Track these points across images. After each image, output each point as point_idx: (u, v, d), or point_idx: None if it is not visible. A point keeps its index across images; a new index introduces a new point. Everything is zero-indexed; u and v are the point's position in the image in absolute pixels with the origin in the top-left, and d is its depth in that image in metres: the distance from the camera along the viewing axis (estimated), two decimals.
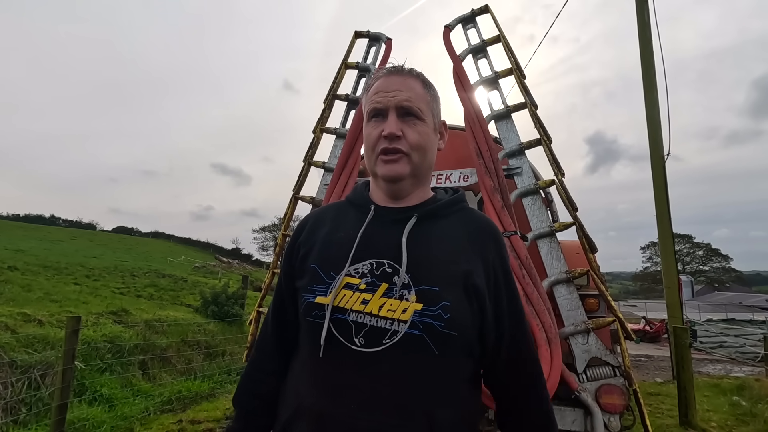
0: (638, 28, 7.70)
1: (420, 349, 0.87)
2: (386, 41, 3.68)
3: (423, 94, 1.03)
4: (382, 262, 0.95)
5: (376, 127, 1.00)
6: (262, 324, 1.15)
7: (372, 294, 0.91)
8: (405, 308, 0.89)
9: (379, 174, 1.01)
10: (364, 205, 1.06)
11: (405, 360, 0.87)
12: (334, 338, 0.90)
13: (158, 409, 5.40)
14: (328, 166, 3.46)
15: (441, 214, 1.03)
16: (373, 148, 1.01)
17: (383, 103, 1.00)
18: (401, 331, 0.87)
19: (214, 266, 31.58)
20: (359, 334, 0.89)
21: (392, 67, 1.06)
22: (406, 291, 0.90)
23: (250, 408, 1.07)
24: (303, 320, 0.97)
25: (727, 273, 60.17)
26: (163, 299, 12.37)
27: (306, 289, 0.97)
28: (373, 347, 0.87)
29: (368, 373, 0.87)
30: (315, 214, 1.15)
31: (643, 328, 15.78)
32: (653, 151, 7.38)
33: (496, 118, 3.13)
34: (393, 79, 1.02)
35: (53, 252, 22.30)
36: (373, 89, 1.03)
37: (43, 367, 5.04)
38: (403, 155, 0.98)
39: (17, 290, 9.29)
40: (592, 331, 2.51)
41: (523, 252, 2.56)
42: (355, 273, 0.95)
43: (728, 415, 5.86)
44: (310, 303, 0.95)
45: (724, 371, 9.88)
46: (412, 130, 0.99)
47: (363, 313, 0.90)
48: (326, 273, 0.96)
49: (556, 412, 2.40)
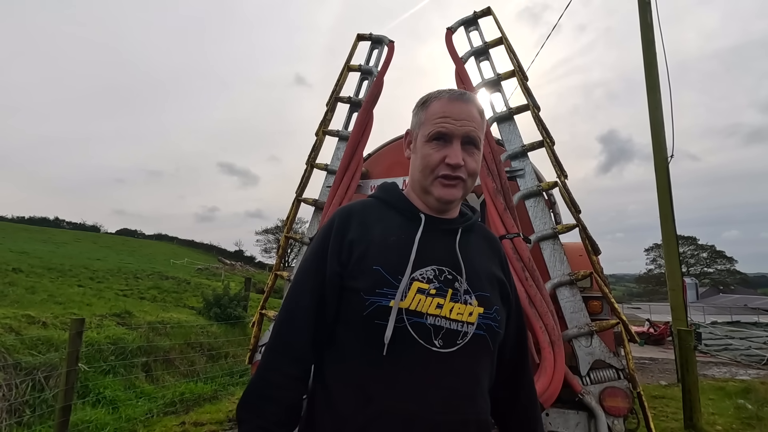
0: (641, 29, 7.69)
1: (483, 347, 1.02)
2: (388, 44, 3.69)
3: (480, 123, 1.10)
4: (443, 269, 1.03)
5: (439, 150, 1.06)
6: (281, 325, 1.05)
7: (443, 298, 0.99)
8: (471, 312, 1.00)
9: (436, 195, 1.07)
10: (410, 210, 1.11)
11: (473, 357, 1.00)
12: (412, 340, 0.95)
13: (161, 411, 5.41)
14: (330, 168, 3.46)
15: (472, 228, 1.16)
16: (433, 170, 1.06)
17: (450, 130, 1.05)
18: (470, 332, 0.99)
19: (217, 268, 31.61)
20: (438, 336, 0.96)
21: (458, 92, 1.11)
22: (468, 296, 1.02)
23: (272, 418, 0.98)
24: (367, 323, 0.95)
25: (732, 275, 59.78)
26: (166, 301, 12.40)
27: (372, 291, 0.96)
28: (450, 348, 0.96)
29: (448, 372, 0.96)
30: (356, 210, 1.12)
31: (647, 331, 15.70)
32: (656, 153, 7.35)
33: (499, 120, 3.13)
34: (459, 106, 1.07)
35: (57, 254, 22.41)
36: (436, 111, 1.08)
37: (47, 369, 5.05)
38: (461, 181, 1.07)
39: (21, 292, 9.34)
40: (595, 334, 2.50)
41: (525, 254, 2.56)
42: (422, 278, 1.00)
43: (733, 419, 5.82)
44: (381, 306, 0.95)
45: (729, 374, 9.81)
46: (472, 159, 1.07)
47: (439, 316, 0.97)
48: (393, 276, 0.98)
49: (559, 414, 2.41)
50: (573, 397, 2.36)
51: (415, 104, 1.18)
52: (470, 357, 0.99)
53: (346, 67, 3.68)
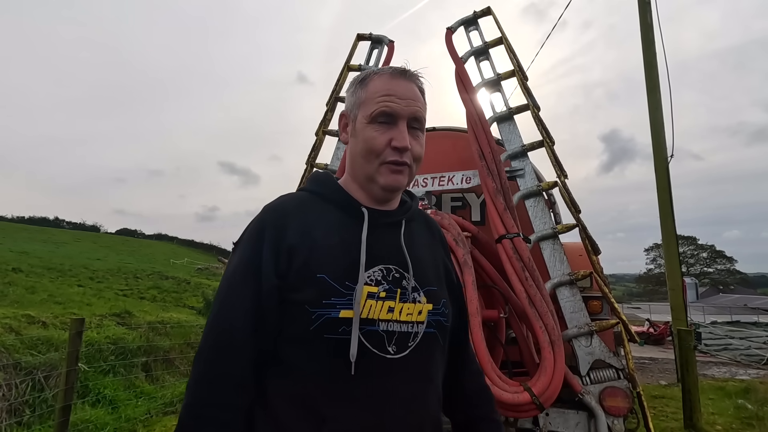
0: (641, 29, 7.69)
1: (434, 344, 0.97)
2: (388, 44, 3.69)
3: (424, 102, 1.01)
4: (390, 268, 0.95)
5: (383, 132, 0.95)
6: (211, 351, 0.87)
7: (393, 300, 0.92)
8: (420, 310, 0.95)
9: (382, 183, 0.97)
10: (350, 204, 0.99)
11: (426, 356, 0.95)
12: (367, 351, 0.87)
13: (161, 411, 5.41)
14: (330, 168, 3.46)
15: (413, 217, 1.08)
16: (379, 155, 0.95)
17: (394, 109, 0.95)
18: (421, 332, 0.94)
19: (217, 268, 31.62)
20: (391, 342, 0.90)
21: (400, 68, 1.00)
22: (416, 294, 0.95)
23: None
24: (315, 338, 0.85)
25: (732, 275, 59.77)
26: (166, 301, 12.41)
27: (318, 303, 0.85)
28: (403, 352, 0.90)
29: (403, 377, 0.90)
30: (290, 209, 0.97)
31: (647, 331, 15.70)
32: (656, 153, 7.35)
33: (499, 119, 3.13)
34: (404, 84, 0.98)
35: (57, 254, 22.40)
36: (379, 87, 0.97)
37: (47, 369, 5.05)
38: (407, 167, 0.97)
39: (21, 292, 9.34)
40: (595, 334, 2.50)
41: (525, 254, 2.56)
42: (370, 281, 0.91)
43: (733, 418, 5.82)
44: (330, 319, 0.85)
45: (729, 374, 9.81)
46: (417, 143, 0.98)
47: (390, 321, 0.90)
48: (341, 284, 0.88)
49: (559, 414, 2.41)
50: (573, 396, 2.36)
51: (350, 82, 1.05)
52: (423, 357, 0.93)
53: (346, 67, 3.68)
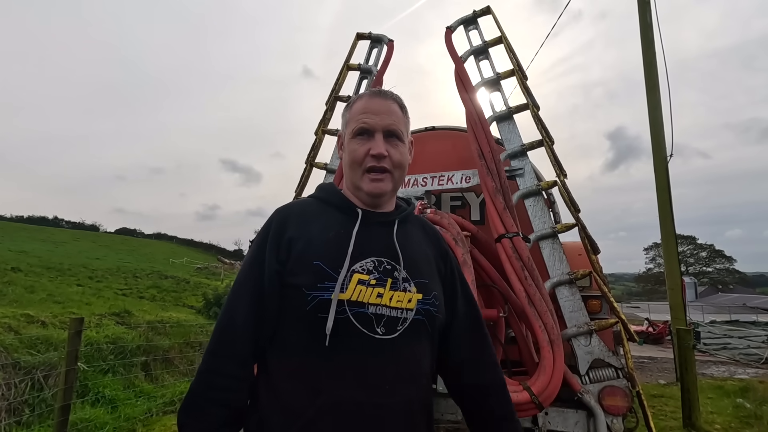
0: (641, 29, 7.68)
1: (423, 330, 1.07)
2: (388, 43, 3.69)
3: (402, 117, 1.17)
4: (382, 260, 1.08)
5: (363, 144, 1.12)
6: (222, 329, 1.04)
7: (383, 288, 1.04)
8: (410, 298, 1.06)
9: (365, 190, 1.12)
10: (347, 206, 1.15)
11: (414, 341, 1.05)
12: (355, 330, 0.99)
13: (161, 411, 5.41)
14: (329, 167, 3.46)
15: (408, 219, 1.22)
16: (360, 164, 1.12)
17: (370, 124, 1.12)
18: (409, 318, 1.05)
19: (217, 267, 31.63)
20: (380, 324, 1.01)
21: (377, 90, 1.20)
22: (407, 284, 1.07)
23: (217, 420, 0.98)
24: (311, 317, 0.98)
25: (731, 274, 59.85)
26: (166, 300, 12.41)
27: (313, 286, 0.99)
28: (391, 334, 1.02)
29: (391, 357, 1.01)
30: (294, 209, 1.16)
31: (646, 330, 15.71)
32: (656, 152, 7.34)
33: (498, 119, 3.13)
34: (378, 102, 1.15)
35: (56, 253, 22.38)
36: (358, 108, 1.15)
37: (46, 369, 5.05)
38: (388, 173, 1.12)
39: (21, 291, 9.33)
40: (594, 333, 2.50)
41: (525, 253, 2.56)
42: (362, 270, 1.04)
43: (732, 417, 5.83)
44: (323, 300, 0.98)
45: (728, 373, 9.83)
46: (396, 150, 1.13)
47: (380, 305, 1.02)
48: (334, 270, 1.01)
49: (559, 413, 2.41)
50: (572, 396, 2.36)
51: (343, 108, 1.24)
52: (411, 341, 1.04)
53: (345, 66, 3.68)
